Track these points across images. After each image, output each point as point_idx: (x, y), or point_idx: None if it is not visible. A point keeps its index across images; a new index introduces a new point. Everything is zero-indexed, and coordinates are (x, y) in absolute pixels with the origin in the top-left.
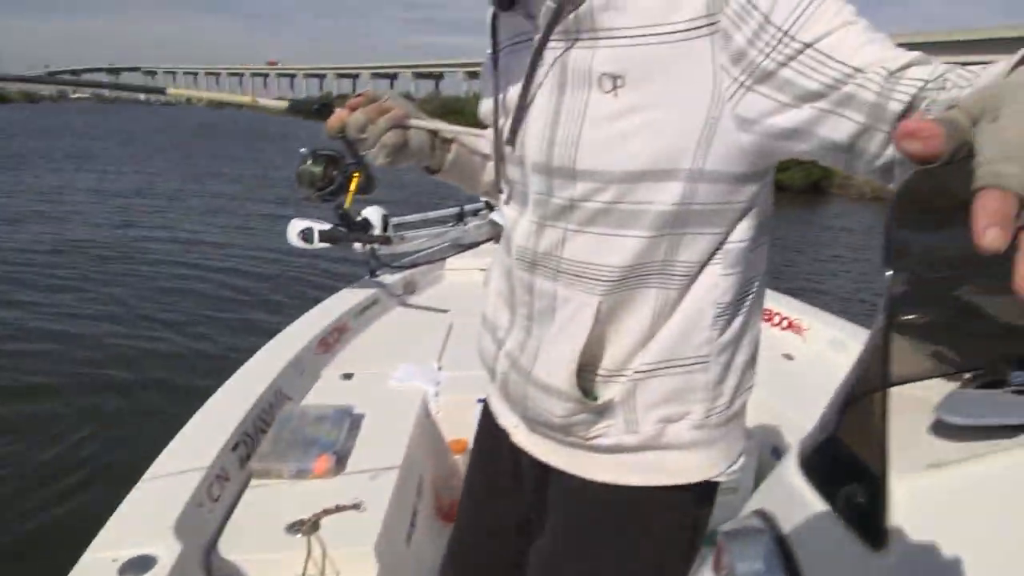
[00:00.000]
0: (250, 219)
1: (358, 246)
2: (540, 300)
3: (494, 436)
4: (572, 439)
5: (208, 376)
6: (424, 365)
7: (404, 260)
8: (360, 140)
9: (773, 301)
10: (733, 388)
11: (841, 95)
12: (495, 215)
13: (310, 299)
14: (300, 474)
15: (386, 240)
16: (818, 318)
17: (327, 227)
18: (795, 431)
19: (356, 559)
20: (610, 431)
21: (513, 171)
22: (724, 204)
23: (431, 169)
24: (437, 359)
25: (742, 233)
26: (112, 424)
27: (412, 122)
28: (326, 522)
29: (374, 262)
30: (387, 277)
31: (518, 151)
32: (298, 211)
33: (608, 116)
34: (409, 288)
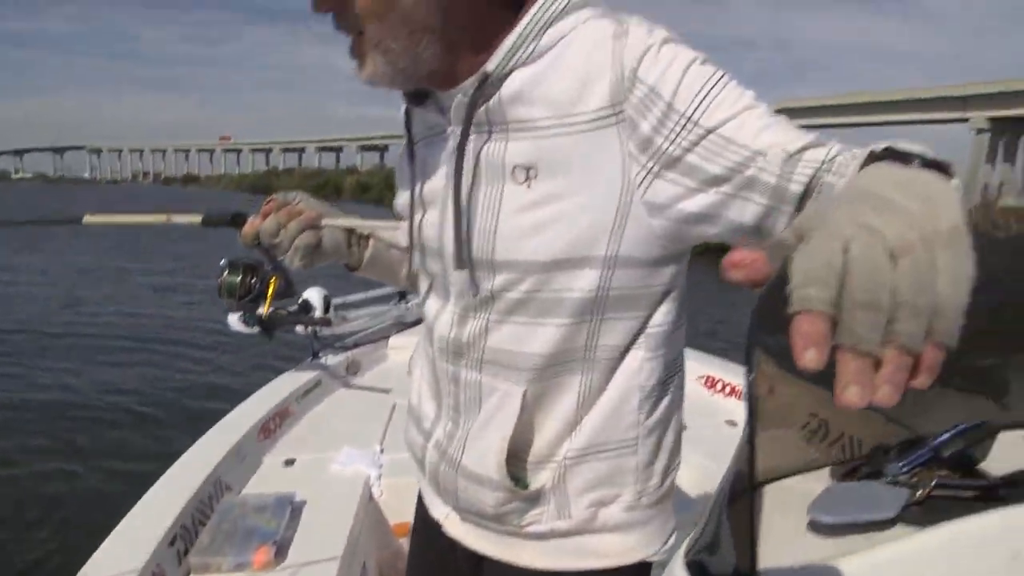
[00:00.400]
0: (192, 298)
1: (300, 328)
2: (466, 391)
3: (429, 525)
4: (505, 527)
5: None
6: (366, 448)
7: (347, 340)
8: (274, 245)
9: (715, 367)
10: (663, 468)
11: (744, 179)
12: None
13: (252, 383)
14: (239, 567)
15: (327, 322)
16: None
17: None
18: None
19: None
20: (543, 517)
21: (433, 264)
22: (641, 288)
23: (350, 266)
24: (380, 441)
25: (662, 316)
26: (46, 518)
27: (325, 221)
28: None
29: (316, 343)
30: (330, 358)
31: (435, 244)
32: None
33: (523, 207)
34: (352, 369)
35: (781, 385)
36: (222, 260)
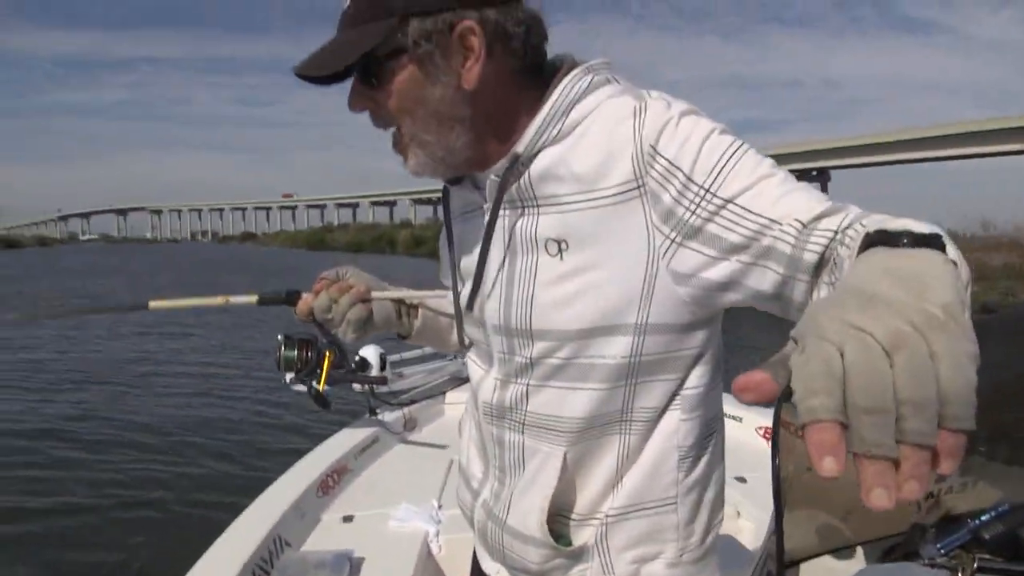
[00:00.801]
0: (250, 356)
1: (357, 386)
2: (509, 452)
3: None
4: None
5: (207, 521)
6: (424, 504)
7: (403, 397)
8: (328, 320)
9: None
10: (704, 525)
11: (761, 247)
12: None
13: (311, 439)
14: None
15: (383, 380)
16: None
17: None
18: None
19: None
20: (587, 574)
21: (475, 332)
22: (674, 352)
23: (401, 335)
24: (438, 497)
25: (697, 379)
26: (112, 574)
27: (374, 295)
28: None
29: (373, 400)
30: (387, 415)
31: (477, 313)
32: None
33: (557, 278)
34: (409, 425)
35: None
36: (279, 335)
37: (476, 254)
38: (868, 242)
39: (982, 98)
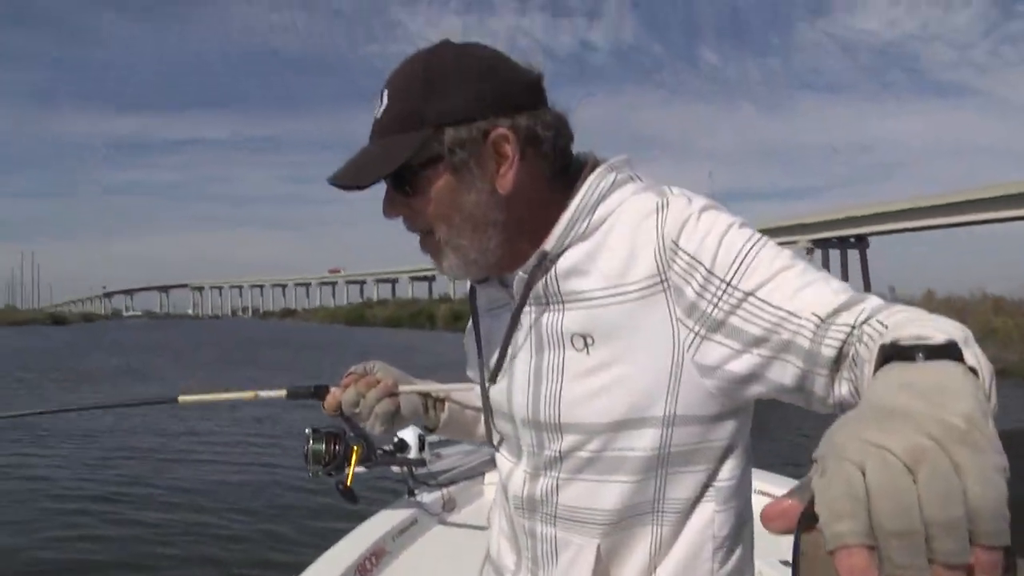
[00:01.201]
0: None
1: (395, 467)
2: (542, 544)
3: None
4: None
5: None
6: None
7: (442, 477)
8: (355, 415)
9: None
10: None
11: (781, 340)
12: None
13: (351, 518)
14: None
15: (421, 462)
16: None
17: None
18: None
19: None
20: None
21: (504, 425)
22: (703, 444)
23: (428, 428)
24: None
25: (730, 471)
26: None
27: (402, 388)
28: None
29: (412, 482)
30: (425, 496)
31: (506, 408)
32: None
33: (584, 372)
34: (448, 506)
35: None
36: (307, 428)
37: (503, 349)
38: (883, 356)
39: (1021, 160)
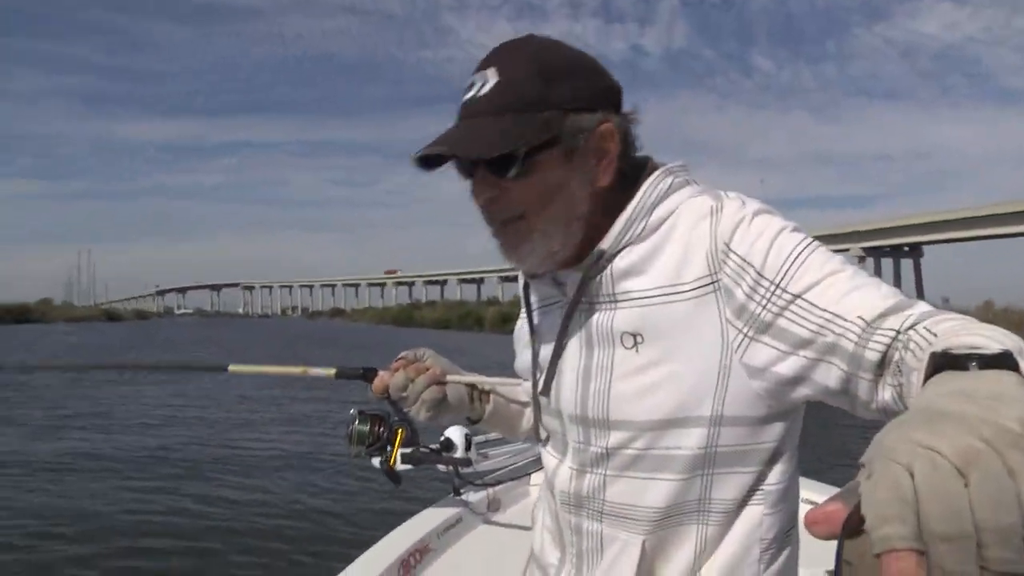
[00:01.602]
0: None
1: (441, 466)
2: (588, 540)
3: None
4: None
5: None
6: None
7: (488, 477)
8: (402, 399)
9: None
10: None
11: (826, 343)
12: None
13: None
14: None
15: (467, 461)
16: None
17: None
18: None
19: None
20: None
21: (551, 421)
22: (750, 445)
23: (472, 419)
24: None
25: (778, 476)
26: None
27: (450, 378)
28: None
29: (457, 480)
30: (471, 495)
31: (554, 404)
32: None
33: (632, 371)
34: (493, 506)
35: None
36: (352, 410)
37: (553, 346)
38: (934, 365)
39: None
